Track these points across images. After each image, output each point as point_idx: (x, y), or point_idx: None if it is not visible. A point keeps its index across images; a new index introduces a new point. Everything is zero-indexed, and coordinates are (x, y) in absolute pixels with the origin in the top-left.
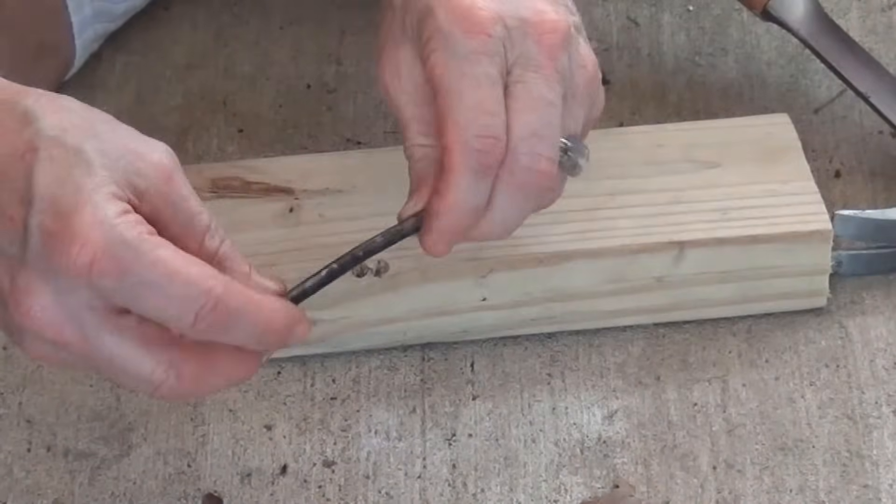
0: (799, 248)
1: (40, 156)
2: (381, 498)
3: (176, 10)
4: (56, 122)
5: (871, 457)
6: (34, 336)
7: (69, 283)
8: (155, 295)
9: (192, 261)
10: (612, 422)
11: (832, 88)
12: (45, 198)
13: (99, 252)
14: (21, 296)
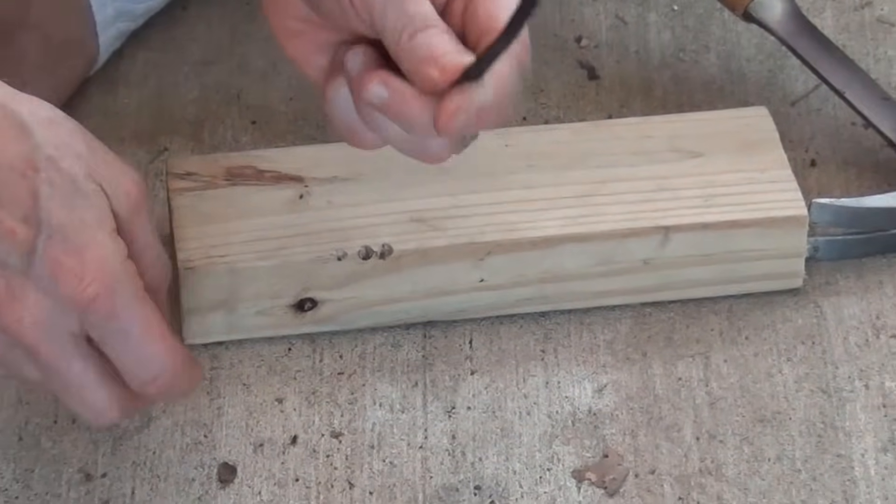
0: (776, 233)
1: (41, 178)
2: (385, 467)
3: (193, 9)
4: (50, 139)
5: (845, 428)
6: (11, 342)
7: (65, 309)
8: (129, 346)
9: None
10: (602, 395)
11: (808, 83)
12: (54, 226)
13: (103, 292)
14: (16, 304)
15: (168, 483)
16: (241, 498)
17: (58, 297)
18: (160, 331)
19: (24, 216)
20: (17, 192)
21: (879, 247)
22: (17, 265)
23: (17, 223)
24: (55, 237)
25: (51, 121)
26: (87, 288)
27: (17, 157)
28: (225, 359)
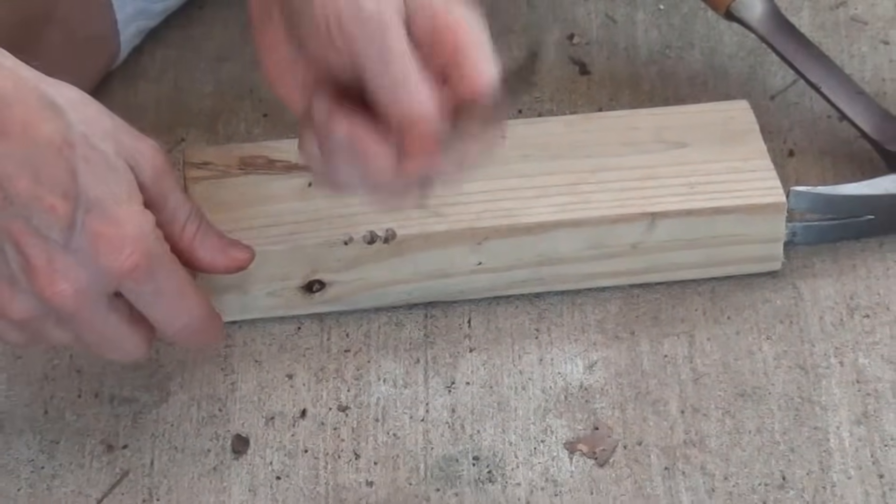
0: (757, 219)
1: (77, 154)
2: (389, 438)
3: (208, 9)
4: (81, 118)
5: (821, 402)
6: (47, 310)
7: (103, 277)
8: (161, 303)
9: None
10: (593, 371)
11: (786, 78)
12: (91, 200)
13: (141, 261)
14: (56, 275)
15: (185, 454)
16: (253, 468)
17: (97, 267)
18: (188, 288)
19: (63, 192)
20: (56, 169)
21: (853, 232)
22: (57, 238)
23: (56, 199)
24: (93, 211)
25: (79, 101)
26: (128, 258)
27: (54, 135)
28: (238, 337)
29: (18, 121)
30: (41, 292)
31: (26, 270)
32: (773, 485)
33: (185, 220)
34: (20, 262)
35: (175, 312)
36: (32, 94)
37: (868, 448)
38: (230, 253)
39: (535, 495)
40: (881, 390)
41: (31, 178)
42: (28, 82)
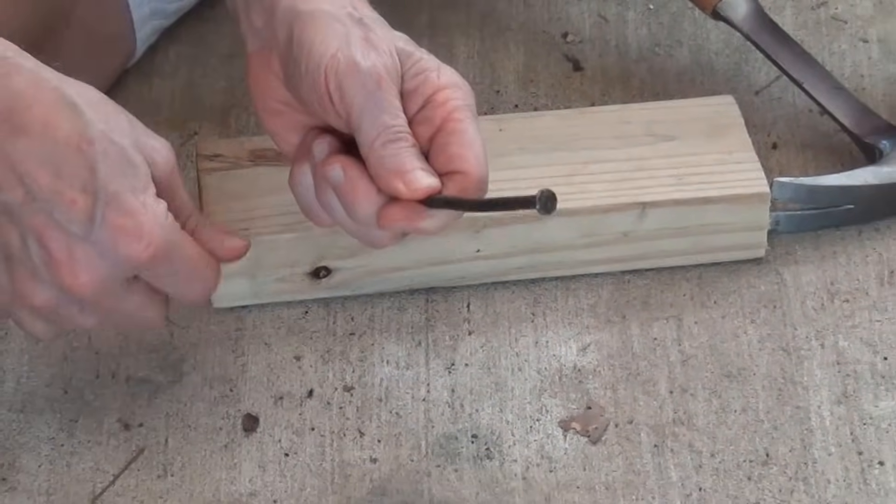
0: (742, 208)
1: (96, 150)
2: (392, 417)
3: (220, 8)
4: (99, 116)
5: (803, 383)
6: (71, 299)
7: (124, 265)
8: (178, 281)
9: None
10: (586, 353)
11: (770, 74)
12: (110, 193)
13: (159, 249)
14: (77, 267)
15: (198, 432)
16: (262, 445)
17: (117, 257)
18: (201, 262)
19: (82, 187)
20: (76, 166)
21: (834, 221)
22: (77, 231)
23: (77, 193)
24: (112, 204)
25: (97, 101)
26: (147, 248)
27: (73, 133)
28: (248, 321)
29: (39, 120)
30: (63, 284)
31: (48, 263)
32: (758, 461)
33: (188, 215)
34: (42, 256)
35: (190, 285)
36: (52, 94)
37: (847, 426)
38: (227, 244)
39: (530, 471)
40: (860, 371)
41: (52, 175)
42: (48, 83)
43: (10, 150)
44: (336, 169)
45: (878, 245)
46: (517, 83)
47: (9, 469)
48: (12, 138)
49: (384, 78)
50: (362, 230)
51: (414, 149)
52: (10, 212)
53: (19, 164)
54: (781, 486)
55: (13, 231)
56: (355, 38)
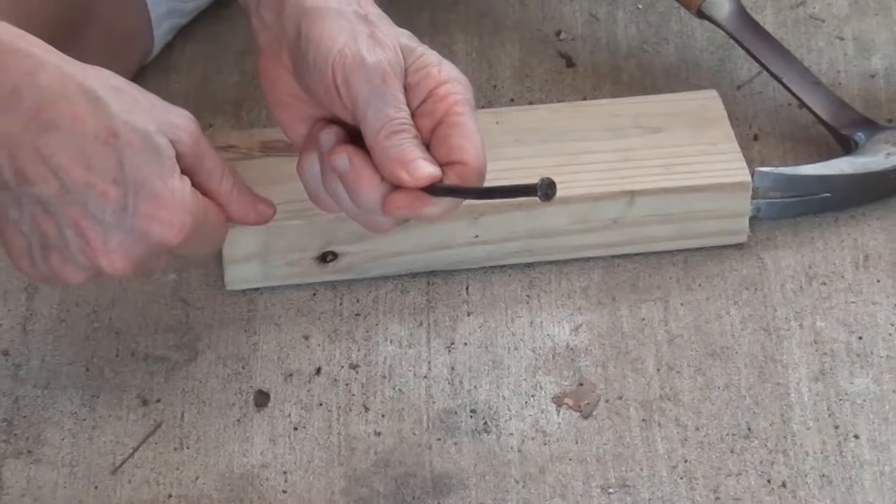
0: (725, 196)
1: (122, 142)
2: (395, 393)
3: (234, 7)
4: (122, 105)
5: (782, 361)
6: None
7: (156, 247)
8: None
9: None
10: (578, 333)
11: (751, 70)
12: (139, 182)
13: (189, 229)
14: (112, 254)
15: (212, 407)
16: (273, 420)
17: (149, 241)
18: (221, 229)
19: (113, 179)
20: (104, 159)
21: (812, 208)
22: (111, 221)
23: (107, 185)
24: (141, 193)
25: (118, 88)
26: (179, 233)
27: (99, 127)
28: (260, 302)
29: (67, 115)
30: (101, 269)
31: (86, 251)
32: (740, 435)
33: (220, 178)
34: (80, 244)
35: (211, 247)
36: (77, 89)
37: (825, 402)
38: (258, 207)
39: (525, 444)
40: (836, 350)
41: (83, 168)
42: (72, 78)
43: (41, 145)
44: (342, 158)
45: (854, 231)
46: (513, 78)
47: (34, 442)
48: (44, 134)
49: (388, 73)
50: (366, 216)
51: (416, 140)
52: (46, 203)
53: (51, 159)
54: (762, 458)
55: (50, 221)
56: (361, 35)
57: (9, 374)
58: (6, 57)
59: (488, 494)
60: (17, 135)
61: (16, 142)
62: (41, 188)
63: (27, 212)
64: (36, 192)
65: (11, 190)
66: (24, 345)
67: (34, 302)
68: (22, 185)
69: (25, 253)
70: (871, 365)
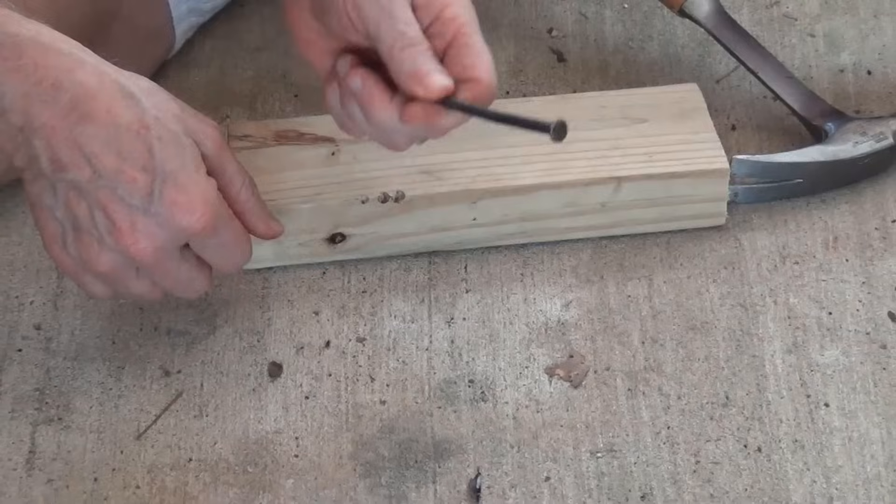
0: (705, 182)
1: (153, 134)
2: (398, 365)
3: (248, 7)
4: (153, 104)
5: (758, 334)
6: (130, 263)
7: (177, 235)
8: (222, 252)
9: (246, 237)
10: (568, 309)
11: (729, 65)
12: (167, 172)
13: (209, 221)
14: (138, 235)
15: (229, 377)
16: (286, 389)
17: (172, 227)
18: (243, 237)
19: (142, 166)
20: (135, 148)
21: (785, 193)
22: (138, 205)
23: (137, 172)
24: (168, 181)
25: (150, 90)
26: (199, 220)
27: (132, 119)
28: (273, 280)
29: (102, 108)
30: (126, 250)
31: (113, 232)
32: (718, 403)
33: (240, 186)
34: (108, 226)
35: (232, 257)
36: (113, 85)
37: (797, 373)
38: (270, 222)
39: (520, 412)
40: (808, 325)
41: (115, 156)
42: (109, 76)
43: (78, 135)
44: (356, 79)
45: (824, 214)
46: (508, 72)
47: (64, 410)
48: (81, 124)
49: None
50: (382, 135)
51: (429, 52)
52: (80, 188)
53: (86, 147)
54: (739, 425)
55: (82, 204)
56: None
57: (41, 347)
58: (48, 55)
59: (485, 458)
60: (56, 125)
61: (54, 131)
62: (75, 174)
63: (61, 197)
64: (70, 178)
65: (47, 177)
66: (55, 320)
67: (64, 280)
68: (57, 172)
69: (58, 238)
70: (840, 338)
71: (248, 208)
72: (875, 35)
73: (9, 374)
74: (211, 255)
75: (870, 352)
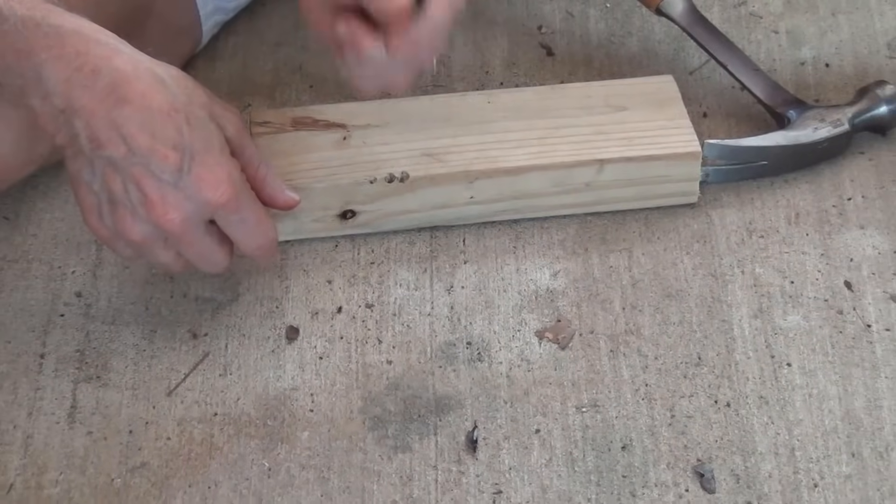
0: (679, 164)
1: (182, 117)
2: (403, 328)
3: (269, 5)
4: (182, 90)
5: (727, 301)
6: (160, 233)
7: (203, 208)
8: (243, 228)
9: (268, 218)
10: (556, 278)
11: (701, 59)
12: (195, 151)
13: (232, 196)
14: (168, 207)
15: (251, 340)
16: (302, 350)
17: (199, 200)
18: (264, 218)
19: (173, 145)
20: (167, 129)
21: (752, 174)
22: (169, 179)
23: (169, 150)
24: (196, 159)
25: (179, 77)
26: (223, 194)
27: (164, 103)
28: (291, 253)
29: (137, 92)
30: (157, 220)
31: (145, 203)
32: (692, 363)
33: (257, 165)
34: (140, 198)
35: (253, 235)
36: (147, 72)
37: (762, 336)
38: (286, 194)
39: (513, 371)
40: (772, 293)
41: (149, 136)
42: (143, 63)
43: (115, 116)
44: (342, 26)
45: (787, 193)
46: (502, 66)
47: (102, 369)
48: (118, 107)
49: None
50: (381, 75)
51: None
52: (115, 164)
53: (122, 127)
54: (710, 383)
55: (117, 179)
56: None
57: (81, 313)
58: (88, 44)
59: (481, 412)
60: (94, 107)
61: (93, 113)
62: (112, 151)
63: (98, 172)
64: (107, 155)
65: (86, 154)
66: (94, 288)
67: (103, 252)
68: (95, 150)
69: (95, 210)
70: (801, 305)
71: (267, 183)
72: (833, 32)
73: (52, 336)
74: (233, 231)
75: (828, 317)
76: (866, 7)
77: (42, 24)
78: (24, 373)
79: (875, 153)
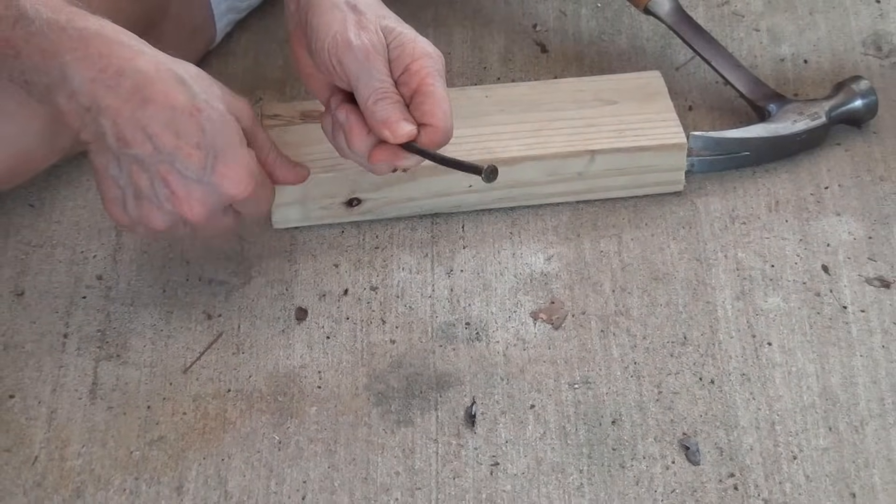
0: (666, 155)
1: (204, 116)
2: (406, 310)
3: (279, 6)
4: (202, 88)
5: (711, 284)
6: (182, 222)
7: (226, 199)
8: (256, 206)
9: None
10: (550, 262)
11: (687, 55)
12: (217, 147)
13: (251, 187)
14: (192, 201)
15: (262, 320)
16: (310, 330)
17: (222, 194)
18: (271, 192)
19: (196, 143)
20: (190, 128)
21: (734, 164)
22: (193, 176)
23: (192, 149)
24: (219, 157)
25: (197, 75)
26: (245, 189)
27: (185, 103)
28: (300, 238)
29: (160, 93)
30: (183, 214)
31: (171, 199)
32: (678, 342)
33: (268, 150)
34: (166, 194)
35: (260, 206)
36: (168, 73)
37: (744, 317)
38: (296, 170)
39: (509, 350)
40: (754, 276)
41: (173, 135)
42: (164, 64)
43: (140, 116)
44: (342, 114)
45: (768, 182)
46: (499, 62)
47: (122, 348)
48: (142, 107)
49: (372, 52)
50: (362, 161)
51: (399, 104)
52: (141, 162)
53: (148, 127)
54: (695, 361)
55: (143, 175)
56: (350, 23)
57: (102, 295)
58: (112, 46)
59: (479, 389)
60: (120, 107)
61: (119, 113)
62: (138, 150)
63: (125, 169)
64: (133, 153)
65: (112, 151)
66: (114, 271)
67: (122, 237)
68: (122, 148)
69: (118, 201)
70: (781, 287)
71: (277, 164)
72: (811, 30)
73: (75, 317)
74: (244, 208)
75: (806, 299)
76: (842, 6)
77: (67, 27)
78: (48, 351)
79: (851, 144)
